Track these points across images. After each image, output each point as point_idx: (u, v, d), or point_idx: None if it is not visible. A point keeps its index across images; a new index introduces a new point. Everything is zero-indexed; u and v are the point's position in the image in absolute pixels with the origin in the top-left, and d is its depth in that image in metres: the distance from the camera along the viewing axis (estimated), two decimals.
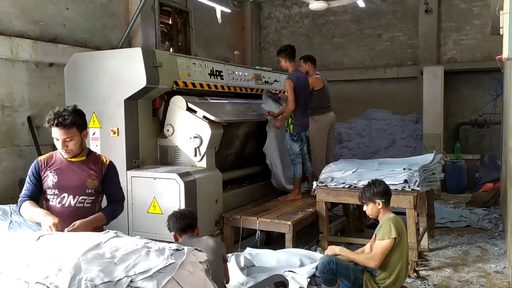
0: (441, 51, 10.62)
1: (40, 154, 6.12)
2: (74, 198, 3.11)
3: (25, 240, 2.14)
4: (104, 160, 3.28)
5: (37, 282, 1.80)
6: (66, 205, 3.10)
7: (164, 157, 5.33)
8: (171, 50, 8.97)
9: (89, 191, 3.15)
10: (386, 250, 3.63)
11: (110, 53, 5.38)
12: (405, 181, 5.03)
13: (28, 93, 6.15)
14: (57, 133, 3.03)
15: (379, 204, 3.81)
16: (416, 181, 5.02)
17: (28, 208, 3.05)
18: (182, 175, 4.67)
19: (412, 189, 5.00)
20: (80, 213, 3.07)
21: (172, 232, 3.48)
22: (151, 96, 5.14)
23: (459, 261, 5.45)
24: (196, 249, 2.12)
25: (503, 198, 6.80)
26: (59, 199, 3.10)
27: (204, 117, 5.05)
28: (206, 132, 5.01)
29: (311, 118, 6.37)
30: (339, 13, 11.48)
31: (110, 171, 3.28)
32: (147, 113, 5.21)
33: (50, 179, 3.10)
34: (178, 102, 5.18)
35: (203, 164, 5.11)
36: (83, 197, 3.13)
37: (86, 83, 5.13)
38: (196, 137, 5.03)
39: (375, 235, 3.77)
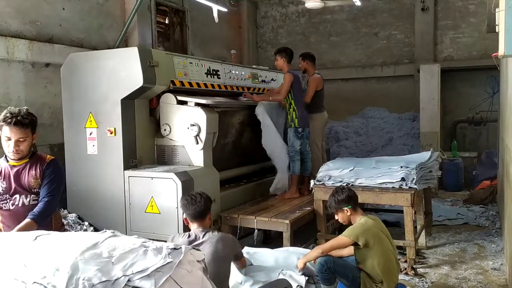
0: (437, 49, 10.65)
1: None
2: (26, 197, 3.17)
3: (22, 240, 2.13)
4: (47, 159, 3.31)
5: (34, 282, 1.80)
6: (20, 205, 3.16)
7: (162, 156, 5.33)
8: (167, 50, 8.96)
9: (35, 190, 3.20)
10: (338, 245, 3.77)
11: (107, 53, 5.37)
12: (402, 179, 5.04)
13: (24, 93, 6.12)
14: (11, 132, 3.05)
15: (347, 211, 3.83)
16: (413, 179, 5.03)
17: None
18: (179, 175, 4.66)
19: (409, 187, 5.01)
20: None
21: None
22: (148, 95, 5.13)
23: (457, 258, 5.46)
24: (193, 247, 2.12)
25: (500, 195, 6.82)
26: (11, 201, 3.16)
27: (197, 104, 5.05)
28: (201, 117, 5.00)
29: (309, 116, 6.41)
30: (335, 11, 11.50)
31: (48, 167, 3.23)
32: (144, 112, 5.20)
33: None
34: (168, 100, 5.17)
35: (201, 163, 5.09)
36: (34, 196, 3.19)
37: (83, 83, 5.12)
38: (194, 125, 5.01)
39: None
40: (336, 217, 3.96)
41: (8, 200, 3.15)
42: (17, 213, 3.12)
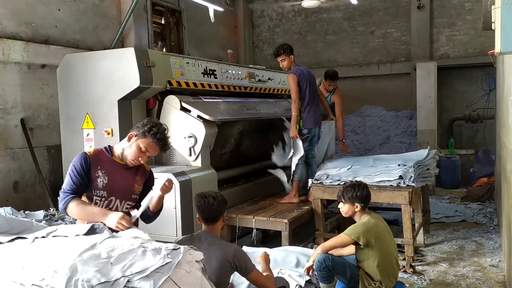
0: (434, 47, 10.68)
1: (34, 156, 6.10)
2: (121, 203, 3.08)
3: (20, 242, 2.13)
4: (146, 167, 3.26)
5: (33, 284, 1.79)
6: (113, 209, 3.03)
7: (159, 157, 5.30)
8: (164, 50, 8.96)
9: (135, 196, 3.14)
10: (339, 243, 3.75)
11: (103, 54, 5.35)
12: (400, 177, 5.04)
13: (20, 95, 6.12)
14: (153, 150, 3.04)
15: (357, 207, 3.81)
16: (411, 177, 5.04)
17: (80, 208, 2.89)
18: (177, 175, 4.65)
19: (407, 185, 5.01)
20: None
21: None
22: (145, 96, 5.12)
23: (455, 255, 5.47)
24: (191, 247, 2.11)
25: (497, 192, 6.84)
26: (106, 202, 3.02)
27: (199, 116, 5.04)
28: (200, 131, 5.00)
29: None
30: (331, 10, 11.51)
31: (150, 178, 3.27)
32: (140, 113, 5.18)
33: (100, 180, 3.00)
34: (172, 102, 5.16)
35: (198, 163, 5.09)
36: (128, 203, 3.11)
37: (79, 84, 5.10)
38: (191, 137, 5.02)
39: None
40: (340, 206, 3.91)
41: (103, 199, 3.00)
42: None
